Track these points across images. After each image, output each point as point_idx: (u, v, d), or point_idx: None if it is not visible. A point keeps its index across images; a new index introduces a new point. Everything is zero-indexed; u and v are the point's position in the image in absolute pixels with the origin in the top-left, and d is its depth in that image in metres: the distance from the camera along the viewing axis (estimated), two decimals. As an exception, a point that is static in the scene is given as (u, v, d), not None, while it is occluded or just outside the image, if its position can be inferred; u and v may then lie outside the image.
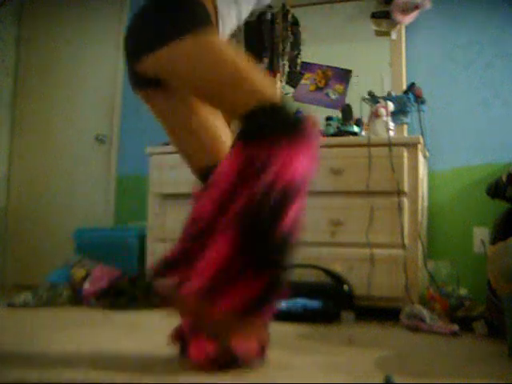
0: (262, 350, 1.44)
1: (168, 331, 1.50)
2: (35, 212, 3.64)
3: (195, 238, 1.28)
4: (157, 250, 2.67)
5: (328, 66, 3.11)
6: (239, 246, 1.24)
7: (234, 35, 1.81)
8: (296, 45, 3.13)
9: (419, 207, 2.39)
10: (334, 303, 2.28)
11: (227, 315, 1.24)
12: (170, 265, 1.30)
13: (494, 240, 2.04)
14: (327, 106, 3.07)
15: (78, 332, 1.98)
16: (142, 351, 1.63)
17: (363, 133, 2.69)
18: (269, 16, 3.16)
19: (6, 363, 1.47)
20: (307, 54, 3.13)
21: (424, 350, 1.77)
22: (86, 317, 2.37)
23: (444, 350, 1.78)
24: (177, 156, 1.68)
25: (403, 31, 2.95)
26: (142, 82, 1.51)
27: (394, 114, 2.63)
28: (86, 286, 2.72)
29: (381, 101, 2.62)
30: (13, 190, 3.72)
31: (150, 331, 1.98)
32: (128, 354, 1.60)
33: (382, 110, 2.56)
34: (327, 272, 2.35)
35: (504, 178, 2.26)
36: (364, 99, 2.66)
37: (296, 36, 3.12)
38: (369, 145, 2.42)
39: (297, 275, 2.38)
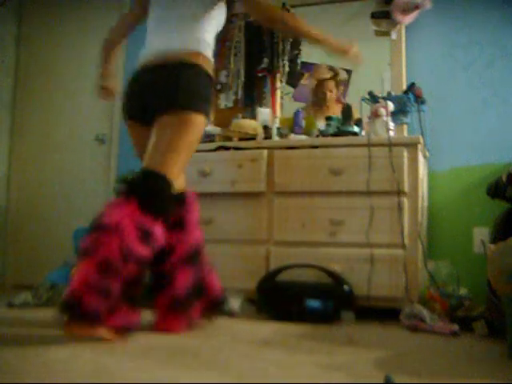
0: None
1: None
2: (35, 212, 3.64)
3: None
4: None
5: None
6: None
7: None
8: (296, 45, 3.13)
9: (419, 207, 2.39)
10: (334, 303, 2.28)
11: None
12: None
13: (494, 240, 2.04)
14: (327, 105, 3.06)
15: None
16: (142, 351, 1.63)
17: (363, 133, 2.69)
18: (269, 16, 3.15)
19: (5, 363, 1.47)
20: (307, 54, 3.13)
21: (424, 350, 1.77)
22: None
23: (444, 350, 1.78)
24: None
25: (403, 31, 2.96)
26: (142, 116, 2.02)
27: (394, 114, 2.63)
28: (86, 285, 2.72)
29: (381, 101, 2.62)
30: (13, 190, 3.72)
31: (149, 330, 1.98)
32: (128, 353, 1.60)
33: (382, 110, 2.56)
34: (327, 272, 2.35)
35: (504, 178, 2.26)
36: (364, 99, 2.66)
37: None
38: (369, 145, 2.42)
39: (297, 275, 2.38)
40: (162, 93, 1.92)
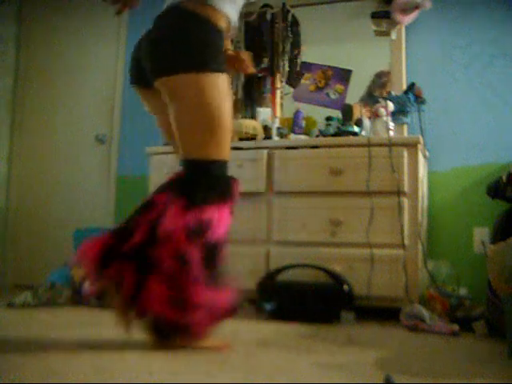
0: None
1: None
2: (35, 212, 3.64)
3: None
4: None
5: (328, 66, 3.12)
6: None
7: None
8: (296, 45, 3.13)
9: (419, 207, 2.39)
10: (334, 303, 2.28)
11: None
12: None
13: (495, 240, 2.04)
14: (327, 105, 3.07)
15: (77, 332, 1.98)
16: (142, 351, 1.63)
17: (363, 133, 2.69)
18: (269, 16, 3.16)
19: (5, 363, 1.47)
20: (307, 54, 3.13)
21: (424, 350, 1.77)
22: (86, 317, 2.37)
23: (444, 350, 1.78)
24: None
25: (403, 31, 2.96)
26: (143, 81, 1.74)
27: (394, 114, 2.63)
28: (86, 285, 2.72)
29: (381, 101, 2.62)
30: (13, 190, 3.72)
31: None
32: (128, 353, 1.60)
33: (382, 110, 2.56)
34: (327, 272, 2.35)
35: (504, 178, 2.26)
36: (364, 99, 2.66)
37: (296, 36, 3.12)
38: (369, 145, 2.42)
39: (297, 275, 2.38)
40: (146, 55, 1.68)
